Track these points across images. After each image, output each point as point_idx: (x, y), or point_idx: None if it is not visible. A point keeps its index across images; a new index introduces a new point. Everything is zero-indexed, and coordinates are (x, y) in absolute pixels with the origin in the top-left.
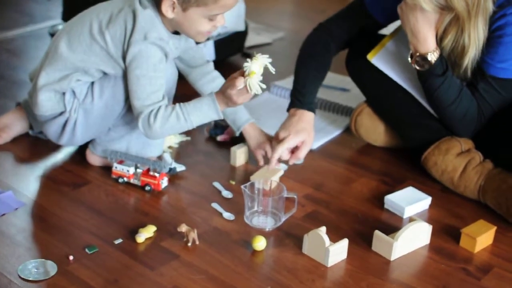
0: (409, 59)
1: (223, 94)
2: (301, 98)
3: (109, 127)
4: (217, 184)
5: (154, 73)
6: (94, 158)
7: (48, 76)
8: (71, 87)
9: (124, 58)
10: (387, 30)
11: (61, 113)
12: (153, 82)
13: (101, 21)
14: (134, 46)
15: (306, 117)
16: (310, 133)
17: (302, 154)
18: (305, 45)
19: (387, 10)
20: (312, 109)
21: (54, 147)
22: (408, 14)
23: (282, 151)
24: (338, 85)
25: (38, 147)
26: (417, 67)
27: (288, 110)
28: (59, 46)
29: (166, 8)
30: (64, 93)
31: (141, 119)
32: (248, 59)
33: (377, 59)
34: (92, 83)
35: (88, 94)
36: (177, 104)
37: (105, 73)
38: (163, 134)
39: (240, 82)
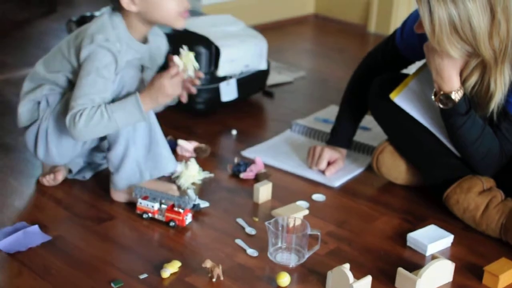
0: (433, 97)
1: (151, 89)
2: (336, 136)
3: (81, 143)
4: (240, 221)
5: (95, 77)
6: (118, 194)
7: (24, 88)
8: (45, 95)
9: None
10: (410, 67)
11: (35, 121)
12: (92, 84)
13: (71, 37)
14: (84, 50)
15: (339, 150)
16: (343, 157)
17: (333, 170)
18: (348, 83)
19: (415, 49)
20: (345, 146)
21: (80, 183)
22: (434, 54)
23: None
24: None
25: (63, 182)
26: (441, 105)
27: (326, 143)
28: (36, 66)
29: (126, 3)
30: (39, 102)
31: (68, 116)
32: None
33: (400, 98)
34: (65, 93)
35: (59, 102)
36: (102, 104)
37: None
38: (88, 133)
39: (174, 68)
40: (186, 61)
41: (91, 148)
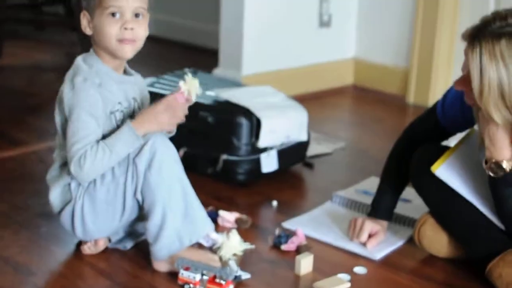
0: (484, 164)
1: (144, 115)
2: (377, 208)
3: (121, 217)
4: None
5: (86, 117)
6: (159, 264)
7: (50, 173)
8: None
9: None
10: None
11: (69, 202)
12: (85, 127)
13: (56, 102)
14: (66, 97)
15: (380, 222)
16: (384, 229)
17: (374, 242)
18: (389, 156)
19: (456, 121)
20: (386, 218)
21: (120, 252)
22: (489, 121)
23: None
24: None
25: (104, 251)
26: (491, 173)
27: (367, 215)
28: (56, 142)
29: (84, 25)
30: (70, 184)
31: (72, 164)
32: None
33: (441, 171)
34: None
35: (91, 181)
36: (100, 141)
37: None
38: (94, 172)
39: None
40: (191, 87)
41: (131, 219)
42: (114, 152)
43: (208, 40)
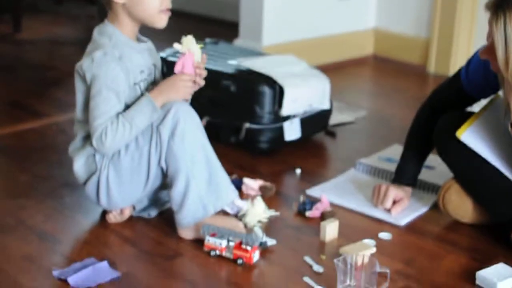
0: (509, 127)
1: (163, 88)
2: (401, 174)
3: (145, 185)
4: (308, 259)
5: (107, 93)
6: (184, 232)
7: (73, 145)
8: None
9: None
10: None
11: (94, 173)
12: (106, 102)
13: (76, 73)
14: (87, 72)
15: (404, 188)
16: (408, 195)
17: (399, 208)
18: (412, 123)
19: (480, 87)
20: (410, 184)
21: (145, 220)
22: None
23: (391, 195)
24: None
25: (129, 220)
26: None
27: (391, 182)
28: (75, 116)
29: None
30: (94, 155)
31: (94, 140)
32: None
33: (466, 136)
34: None
35: (116, 151)
36: (119, 115)
37: None
38: (116, 146)
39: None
40: (188, 45)
41: (155, 187)
42: (134, 125)
43: (225, 12)
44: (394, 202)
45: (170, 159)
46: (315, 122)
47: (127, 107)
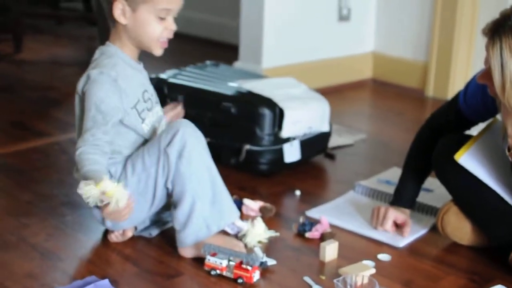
0: (507, 151)
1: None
2: (400, 197)
3: (151, 207)
4: (307, 279)
5: (95, 112)
6: (185, 250)
7: (77, 168)
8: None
9: None
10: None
11: None
12: (93, 120)
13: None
14: (83, 89)
15: (403, 210)
16: (407, 217)
17: (408, 228)
18: (411, 146)
19: (478, 111)
20: (408, 206)
21: (146, 240)
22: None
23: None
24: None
25: (130, 239)
26: None
27: (390, 204)
28: (76, 135)
29: (118, 14)
30: None
31: (76, 154)
32: None
33: (465, 159)
34: (126, 162)
35: (122, 173)
36: (90, 154)
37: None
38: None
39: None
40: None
41: (160, 208)
42: (81, 172)
43: (226, 35)
44: (396, 225)
45: (176, 180)
46: (315, 145)
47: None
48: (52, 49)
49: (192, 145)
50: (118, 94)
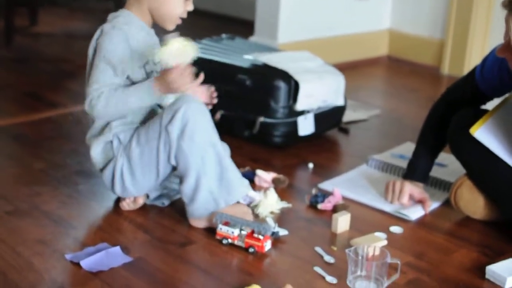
0: None
1: (161, 79)
2: (413, 170)
3: (157, 178)
4: (319, 249)
5: (105, 65)
6: (196, 222)
7: (91, 132)
8: (116, 133)
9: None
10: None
11: (111, 160)
12: (103, 72)
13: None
14: (96, 42)
15: (417, 184)
16: (423, 191)
17: (430, 202)
18: (426, 119)
19: (495, 86)
20: (422, 180)
21: (158, 209)
22: None
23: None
24: (435, 160)
25: (142, 207)
26: None
27: (403, 177)
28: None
29: None
30: (112, 142)
31: (87, 102)
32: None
33: (480, 133)
34: (134, 132)
35: (129, 141)
36: (119, 88)
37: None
38: (106, 115)
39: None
40: (174, 55)
41: (167, 176)
42: (128, 102)
43: (241, 11)
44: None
45: (180, 157)
46: (329, 118)
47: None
48: (67, 22)
49: (194, 122)
50: (128, 49)
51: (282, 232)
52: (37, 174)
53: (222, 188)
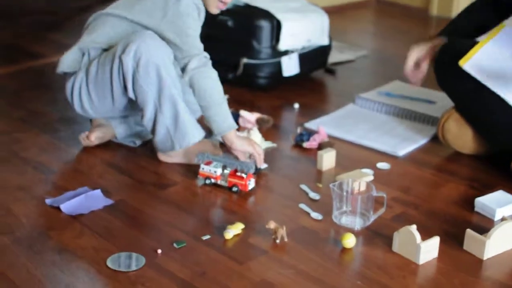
0: None
1: (239, 139)
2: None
3: (112, 104)
4: (304, 187)
5: (193, 32)
6: (163, 157)
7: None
8: (89, 47)
9: None
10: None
11: (76, 72)
12: (194, 37)
13: None
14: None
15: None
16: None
17: (420, 75)
18: (462, 11)
19: None
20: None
21: (140, 151)
22: None
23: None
24: (424, 97)
25: (124, 151)
26: None
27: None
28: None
29: None
30: (83, 55)
31: (200, 56)
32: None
33: (469, 65)
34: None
35: (95, 58)
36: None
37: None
38: (205, 85)
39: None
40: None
41: (127, 108)
42: (217, 99)
43: None
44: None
45: (137, 90)
46: (314, 58)
47: None
48: None
49: (149, 57)
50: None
51: (264, 166)
52: (17, 123)
53: (177, 130)
